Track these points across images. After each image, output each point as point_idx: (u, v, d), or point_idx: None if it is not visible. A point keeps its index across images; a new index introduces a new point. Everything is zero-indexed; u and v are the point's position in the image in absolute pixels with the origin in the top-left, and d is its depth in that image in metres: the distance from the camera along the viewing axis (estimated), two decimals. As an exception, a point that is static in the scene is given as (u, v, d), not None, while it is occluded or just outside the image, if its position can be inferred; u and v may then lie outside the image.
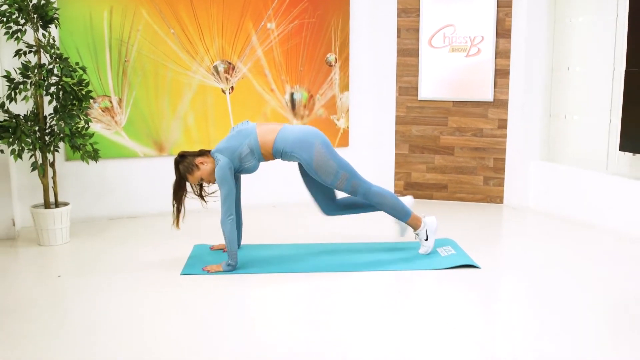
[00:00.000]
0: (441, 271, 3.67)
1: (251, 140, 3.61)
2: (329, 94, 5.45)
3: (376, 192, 3.73)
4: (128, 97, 4.85)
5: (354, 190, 3.69)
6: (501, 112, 5.32)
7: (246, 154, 3.60)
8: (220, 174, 3.54)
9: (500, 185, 5.42)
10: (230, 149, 3.60)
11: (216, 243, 4.20)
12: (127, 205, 4.99)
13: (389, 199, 3.75)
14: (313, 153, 3.60)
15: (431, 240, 3.80)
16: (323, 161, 3.61)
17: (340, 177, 3.64)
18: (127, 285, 3.47)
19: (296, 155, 3.62)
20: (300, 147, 3.60)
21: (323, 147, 3.63)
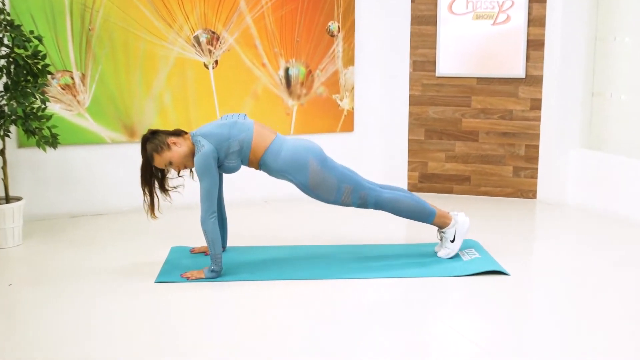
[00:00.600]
0: (463, 279, 3.66)
1: (245, 138, 3.60)
2: (330, 70, 5.42)
3: (388, 200, 3.74)
4: (93, 72, 4.82)
5: (363, 202, 3.73)
6: (534, 90, 5.30)
7: (234, 150, 3.58)
8: (202, 162, 3.50)
9: (533, 177, 5.40)
10: (219, 136, 3.57)
11: (197, 245, 4.19)
12: (92, 201, 4.98)
13: (404, 202, 3.76)
14: (308, 173, 3.63)
15: (458, 243, 3.82)
16: (320, 179, 3.64)
17: (344, 192, 3.68)
18: (90, 295, 3.45)
19: (288, 176, 3.65)
20: (292, 167, 3.62)
21: (318, 162, 3.64)
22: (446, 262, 3.85)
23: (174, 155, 3.57)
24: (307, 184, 3.64)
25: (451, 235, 3.80)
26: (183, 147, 3.58)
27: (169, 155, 3.56)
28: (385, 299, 3.43)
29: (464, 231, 3.82)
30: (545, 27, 5.21)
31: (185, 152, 3.58)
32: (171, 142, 3.57)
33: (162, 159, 3.56)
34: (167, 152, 3.56)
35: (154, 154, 3.56)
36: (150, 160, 3.59)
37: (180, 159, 3.57)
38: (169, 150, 3.56)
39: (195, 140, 3.57)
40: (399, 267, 3.81)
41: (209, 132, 3.57)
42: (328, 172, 3.64)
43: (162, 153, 3.55)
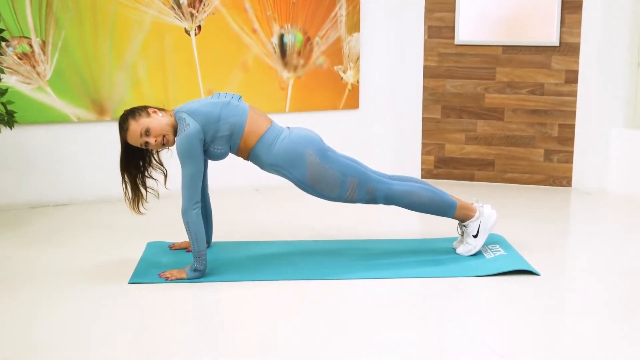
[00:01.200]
0: (486, 279, 3.65)
1: (238, 122, 3.59)
2: (332, 37, 5.41)
3: (400, 192, 3.74)
4: (55, 39, 4.79)
5: (371, 197, 3.73)
6: (570, 60, 5.29)
7: (223, 135, 3.57)
8: (185, 144, 3.48)
9: (568, 161, 5.39)
10: (208, 116, 3.55)
11: (178, 240, 4.19)
12: (55, 190, 4.98)
13: (420, 194, 3.76)
14: (305, 167, 3.62)
15: (481, 239, 3.83)
16: (320, 174, 3.63)
17: (348, 187, 3.68)
18: (54, 299, 3.44)
19: (282, 171, 3.64)
20: (287, 161, 3.61)
21: (317, 155, 3.63)
22: (466, 260, 3.85)
23: (153, 122, 3.51)
24: (305, 181, 3.63)
25: (474, 230, 3.79)
26: (165, 119, 3.55)
27: (147, 121, 3.50)
28: (395, 302, 3.42)
29: (490, 226, 3.81)
30: (583, -14, 5.21)
31: (166, 122, 3.54)
32: (151, 111, 3.56)
33: (139, 125, 3.49)
34: (145, 117, 3.51)
35: (129, 119, 3.50)
36: (125, 133, 3.52)
37: (159, 128, 3.51)
38: (147, 116, 3.52)
39: (179, 117, 3.54)
40: (411, 266, 3.80)
41: (196, 110, 3.54)
42: (329, 165, 3.63)
43: (139, 119, 3.50)
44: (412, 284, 3.61)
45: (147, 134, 3.51)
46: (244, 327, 3.16)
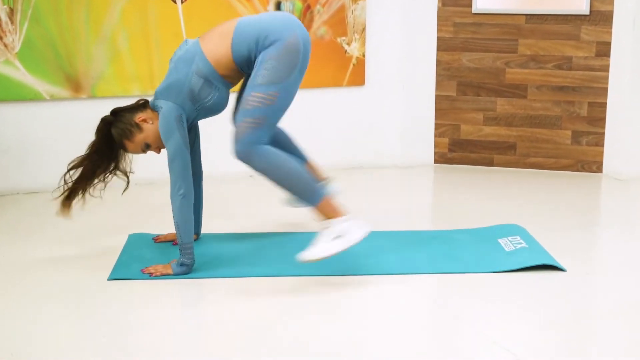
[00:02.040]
0: (505, 275, 3.65)
1: (199, 63, 3.58)
2: (334, 5, 5.42)
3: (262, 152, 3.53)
4: (24, 6, 4.80)
5: (251, 129, 3.48)
6: (602, 31, 5.29)
7: (199, 86, 3.59)
8: (162, 126, 3.58)
9: (599, 144, 5.41)
10: (173, 87, 3.60)
11: (163, 232, 4.20)
12: (23, 175, 4.99)
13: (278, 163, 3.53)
14: (289, 37, 3.51)
15: (335, 248, 3.51)
16: (287, 57, 3.50)
17: (266, 95, 3.48)
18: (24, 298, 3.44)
19: (270, 37, 3.51)
20: (277, 29, 3.52)
21: (301, 44, 3.54)
22: (482, 253, 3.86)
23: (149, 135, 3.65)
24: (281, 46, 3.52)
25: (338, 231, 3.53)
26: (155, 122, 3.66)
27: (142, 137, 3.65)
28: (405, 301, 3.42)
29: (355, 239, 3.53)
30: (616, -53, 5.19)
31: (154, 132, 3.67)
32: (140, 120, 3.64)
33: (136, 144, 3.66)
34: (139, 134, 3.65)
35: (124, 141, 3.66)
36: (121, 148, 3.69)
37: (156, 137, 3.66)
38: (140, 131, 3.65)
39: (154, 105, 3.66)
40: (423, 261, 3.81)
41: (163, 89, 3.63)
42: (292, 65, 3.53)
43: (134, 137, 3.65)
44: (424, 280, 3.62)
45: (147, 147, 3.69)
46: (235, 327, 3.16)
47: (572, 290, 3.51)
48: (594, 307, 3.45)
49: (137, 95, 5.05)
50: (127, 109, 3.71)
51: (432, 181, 5.45)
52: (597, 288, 3.63)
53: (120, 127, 3.65)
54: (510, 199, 4.86)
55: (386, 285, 3.56)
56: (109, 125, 3.67)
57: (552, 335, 3.10)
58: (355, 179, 5.35)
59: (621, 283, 3.63)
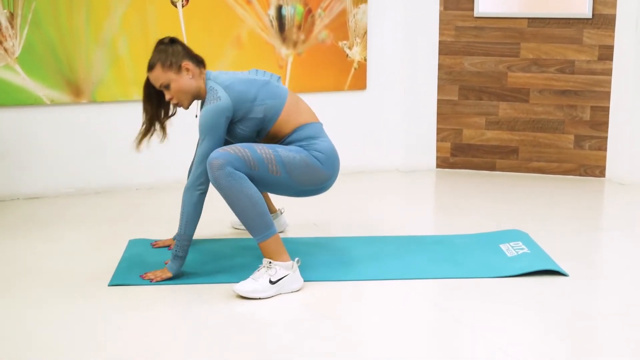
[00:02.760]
0: (507, 280, 3.66)
1: (275, 106, 3.64)
2: (336, 9, 5.41)
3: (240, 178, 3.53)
4: (25, 11, 4.80)
5: (240, 157, 3.49)
6: (604, 34, 5.30)
7: (254, 117, 3.62)
8: (211, 118, 3.54)
9: (602, 149, 5.40)
10: (243, 95, 3.60)
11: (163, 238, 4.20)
12: (24, 180, 4.98)
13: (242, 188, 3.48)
14: (333, 173, 3.70)
15: (274, 290, 3.49)
16: (315, 175, 3.64)
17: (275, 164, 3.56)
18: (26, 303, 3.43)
19: (306, 147, 3.64)
20: (335, 169, 3.69)
21: (331, 181, 3.74)
22: (484, 258, 3.86)
23: (178, 82, 3.62)
24: (313, 161, 3.66)
25: (277, 275, 3.50)
26: (193, 82, 3.64)
27: (173, 77, 3.61)
28: (406, 306, 3.42)
29: (291, 288, 3.53)
30: (618, -50, 5.20)
31: (191, 88, 3.63)
32: (185, 67, 3.62)
33: (163, 76, 3.60)
34: (173, 73, 3.61)
35: (157, 64, 3.61)
36: (149, 71, 3.64)
37: (180, 90, 3.63)
38: (175, 73, 3.61)
39: (210, 86, 3.61)
40: (425, 265, 3.81)
41: (231, 85, 3.60)
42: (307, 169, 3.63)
43: (167, 70, 3.60)
44: (426, 285, 3.62)
45: (166, 87, 3.62)
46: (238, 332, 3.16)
47: (574, 295, 3.50)
48: (596, 312, 3.44)
49: (137, 99, 5.05)
50: (186, 49, 3.67)
51: (434, 186, 5.45)
52: (599, 292, 3.62)
53: (168, 53, 3.62)
54: (513, 203, 4.86)
55: (387, 290, 3.56)
56: (160, 44, 3.66)
57: (555, 340, 3.09)
58: (357, 184, 5.35)
59: (624, 287, 3.63)
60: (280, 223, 4.25)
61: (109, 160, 5.09)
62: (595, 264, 3.97)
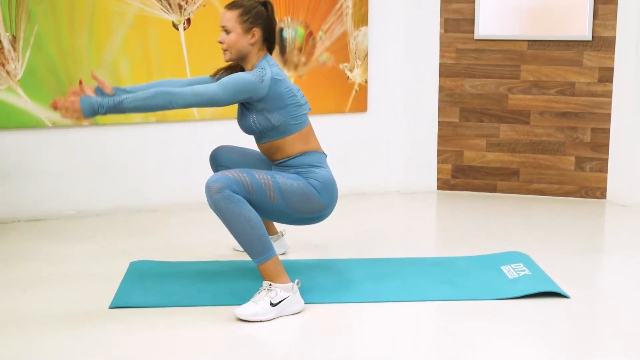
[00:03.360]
0: (509, 302, 3.65)
1: (290, 127, 3.67)
2: (337, 31, 5.42)
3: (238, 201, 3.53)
4: (27, 34, 4.82)
5: (238, 181, 3.50)
6: (604, 56, 5.31)
7: (268, 120, 3.64)
8: (242, 83, 3.54)
9: (602, 170, 5.40)
10: (278, 96, 3.63)
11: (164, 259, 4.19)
12: (25, 202, 4.98)
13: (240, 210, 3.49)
14: (331, 205, 3.73)
15: (275, 313, 3.47)
16: (314, 206, 3.67)
17: (273, 190, 3.59)
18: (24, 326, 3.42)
19: (304, 174, 3.67)
20: (333, 201, 3.72)
21: (328, 212, 3.76)
22: (485, 280, 3.86)
23: (238, 38, 3.65)
24: (309, 189, 3.69)
25: (277, 299, 3.50)
26: (248, 47, 3.67)
27: (238, 31, 3.64)
28: (406, 328, 3.41)
29: (291, 310, 3.54)
30: (618, -27, 5.21)
31: (243, 49, 3.67)
32: (253, 32, 3.65)
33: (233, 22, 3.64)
34: (241, 28, 3.65)
35: (239, 10, 3.66)
36: (232, 6, 3.67)
37: (234, 45, 3.66)
38: (244, 30, 3.65)
39: (262, 65, 3.64)
40: (426, 288, 3.80)
41: (277, 81, 3.62)
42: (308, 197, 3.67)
43: (239, 22, 3.64)
44: (427, 307, 3.61)
45: (226, 31, 3.66)
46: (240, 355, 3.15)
47: (576, 317, 3.49)
48: (598, 334, 3.43)
49: (139, 122, 5.07)
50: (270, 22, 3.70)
51: (435, 208, 5.45)
52: (601, 315, 3.61)
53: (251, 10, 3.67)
54: (514, 225, 4.85)
55: (388, 312, 3.55)
56: (263, 5, 3.71)
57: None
58: (358, 205, 5.35)
59: (626, 310, 3.61)
60: (282, 245, 4.26)
61: (110, 182, 5.09)
62: (596, 286, 3.96)
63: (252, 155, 3.99)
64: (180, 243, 4.50)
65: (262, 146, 3.77)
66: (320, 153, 3.77)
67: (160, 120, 5.13)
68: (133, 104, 3.44)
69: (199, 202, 5.01)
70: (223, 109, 5.19)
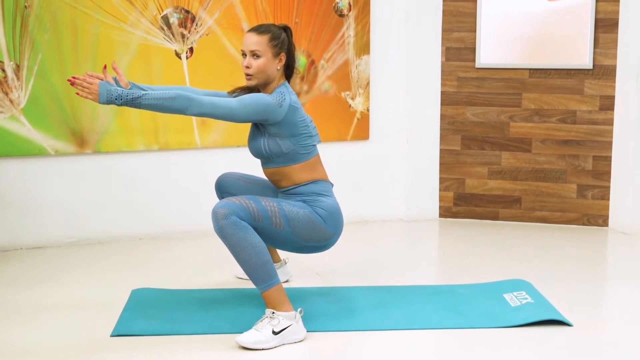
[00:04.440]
0: (511, 330, 3.64)
1: (298, 156, 3.70)
2: (339, 60, 5.44)
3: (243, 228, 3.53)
4: (30, 63, 4.83)
5: (244, 207, 3.52)
6: (605, 85, 5.32)
7: (278, 144, 3.67)
8: (262, 104, 3.58)
9: (604, 198, 5.40)
10: (291, 124, 3.66)
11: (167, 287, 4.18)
12: (28, 230, 4.98)
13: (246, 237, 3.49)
14: (336, 234, 3.74)
15: (277, 341, 3.46)
16: (319, 234, 3.69)
17: (279, 218, 3.61)
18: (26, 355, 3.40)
19: (310, 203, 3.69)
20: (339, 229, 3.73)
21: (333, 241, 3.77)
22: (488, 308, 3.85)
23: (267, 63, 3.68)
24: (315, 218, 3.70)
25: (279, 327, 3.49)
26: (274, 72, 3.71)
27: (268, 55, 3.68)
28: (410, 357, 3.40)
29: (294, 338, 3.53)
30: (619, 1, 5.21)
31: (270, 74, 3.69)
32: (281, 57, 3.70)
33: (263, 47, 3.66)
34: (271, 53, 3.68)
35: (269, 34, 3.69)
36: (260, 31, 3.70)
37: (262, 69, 3.68)
38: (273, 55, 3.69)
39: (281, 91, 3.66)
40: (429, 316, 3.79)
41: (294, 109, 3.66)
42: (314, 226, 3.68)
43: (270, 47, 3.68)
44: (430, 335, 3.60)
45: (254, 56, 3.67)
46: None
47: (579, 345, 3.48)
48: (602, 363, 3.43)
49: (142, 150, 5.08)
50: (292, 49, 3.75)
51: (437, 235, 5.44)
52: (604, 344, 3.59)
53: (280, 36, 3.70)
54: (516, 253, 4.85)
55: (391, 341, 3.54)
56: (280, 28, 3.75)
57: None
58: (360, 233, 5.34)
59: (629, 339, 3.60)
60: (285, 272, 4.25)
61: (112, 210, 5.09)
62: (599, 314, 3.95)
63: (257, 182, 4.00)
64: (182, 271, 4.50)
65: (267, 171, 3.78)
66: (326, 182, 3.78)
67: (163, 149, 5.14)
68: (151, 102, 3.44)
69: (201, 230, 5.04)
70: (226, 137, 5.21)
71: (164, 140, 5.12)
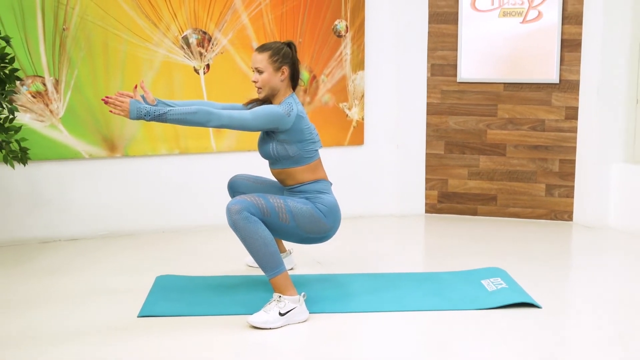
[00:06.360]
0: (487, 312, 3.64)
1: (303, 159, 3.70)
2: (337, 75, 5.44)
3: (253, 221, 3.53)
4: (68, 77, 4.83)
5: (255, 204, 3.52)
6: (570, 97, 5.31)
7: (285, 149, 3.66)
8: (272, 114, 3.57)
9: (569, 196, 5.39)
10: (298, 132, 3.65)
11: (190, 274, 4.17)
12: (65, 224, 4.97)
13: (257, 230, 3.49)
14: (335, 228, 3.72)
15: (282, 322, 3.46)
16: (319, 227, 3.67)
17: (285, 213, 3.60)
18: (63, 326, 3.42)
19: (312, 199, 3.68)
20: (337, 223, 3.72)
21: (332, 234, 3.75)
22: (467, 293, 3.86)
23: (269, 76, 3.67)
24: (318, 213, 3.70)
25: (285, 309, 3.50)
26: (279, 84, 3.69)
27: (270, 70, 3.67)
28: (395, 335, 3.40)
29: (298, 319, 3.53)
30: (582, 25, 5.21)
31: (275, 86, 3.68)
32: (282, 70, 3.68)
33: (264, 63, 3.66)
34: (272, 67, 3.67)
35: (269, 52, 3.68)
36: (261, 50, 3.69)
37: (267, 83, 3.68)
38: (274, 69, 3.68)
39: (289, 102, 3.65)
40: (416, 299, 3.80)
41: (301, 118, 3.65)
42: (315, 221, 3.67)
43: (270, 62, 3.66)
44: (417, 316, 3.61)
45: (259, 72, 3.68)
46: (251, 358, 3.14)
47: (548, 325, 3.49)
48: (568, 340, 3.41)
49: (164, 154, 5.09)
50: (295, 61, 3.73)
51: (423, 229, 5.44)
52: (570, 323, 3.60)
53: (280, 51, 3.68)
54: (492, 244, 4.85)
55: (384, 321, 3.54)
56: (285, 43, 3.74)
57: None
58: (356, 227, 5.34)
59: (594, 319, 3.61)
60: (289, 261, 4.26)
61: (138, 207, 5.09)
62: (565, 298, 3.96)
63: (265, 182, 4.01)
64: (200, 260, 4.50)
65: (274, 171, 3.79)
66: (326, 181, 3.78)
67: (183, 153, 5.14)
68: (176, 117, 3.44)
69: (216, 224, 5.04)
70: (238, 143, 5.22)
71: (184, 146, 5.13)
